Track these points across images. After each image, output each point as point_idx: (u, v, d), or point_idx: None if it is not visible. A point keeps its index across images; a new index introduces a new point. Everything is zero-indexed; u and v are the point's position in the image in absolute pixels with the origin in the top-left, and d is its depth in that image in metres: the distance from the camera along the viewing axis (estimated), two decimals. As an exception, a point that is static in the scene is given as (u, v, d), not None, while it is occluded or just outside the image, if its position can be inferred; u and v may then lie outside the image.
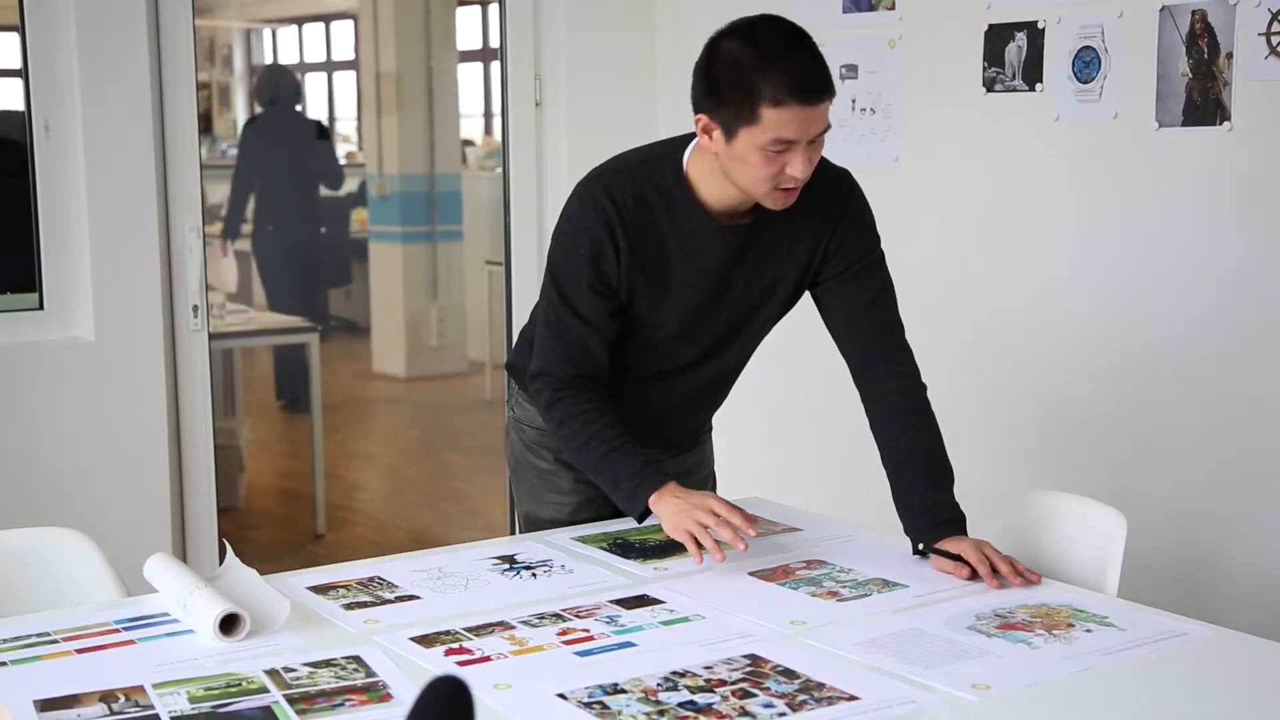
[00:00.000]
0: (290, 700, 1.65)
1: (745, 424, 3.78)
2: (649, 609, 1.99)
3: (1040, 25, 3.22)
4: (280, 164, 6.51)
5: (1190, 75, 2.94)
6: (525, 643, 1.85)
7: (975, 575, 2.11)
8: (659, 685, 1.70)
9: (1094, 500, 2.37)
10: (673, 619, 1.95)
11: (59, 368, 3.46)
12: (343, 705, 1.64)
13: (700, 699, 1.66)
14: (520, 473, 2.55)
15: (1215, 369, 2.98)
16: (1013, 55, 3.28)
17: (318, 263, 7.04)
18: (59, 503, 3.40)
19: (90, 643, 1.84)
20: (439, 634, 1.88)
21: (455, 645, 1.84)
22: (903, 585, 2.10)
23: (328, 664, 1.77)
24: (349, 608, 1.99)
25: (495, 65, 4.39)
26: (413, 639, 1.86)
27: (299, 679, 1.72)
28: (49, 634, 1.86)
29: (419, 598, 2.04)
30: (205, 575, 1.99)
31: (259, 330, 5.77)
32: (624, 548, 2.29)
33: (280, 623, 1.89)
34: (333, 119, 10.12)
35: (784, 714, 1.62)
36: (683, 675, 1.73)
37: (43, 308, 3.51)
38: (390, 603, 2.02)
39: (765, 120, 2.06)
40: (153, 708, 1.63)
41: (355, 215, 8.06)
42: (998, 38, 3.30)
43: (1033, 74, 3.24)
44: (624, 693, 1.68)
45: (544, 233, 3.93)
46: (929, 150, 3.50)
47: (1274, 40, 2.80)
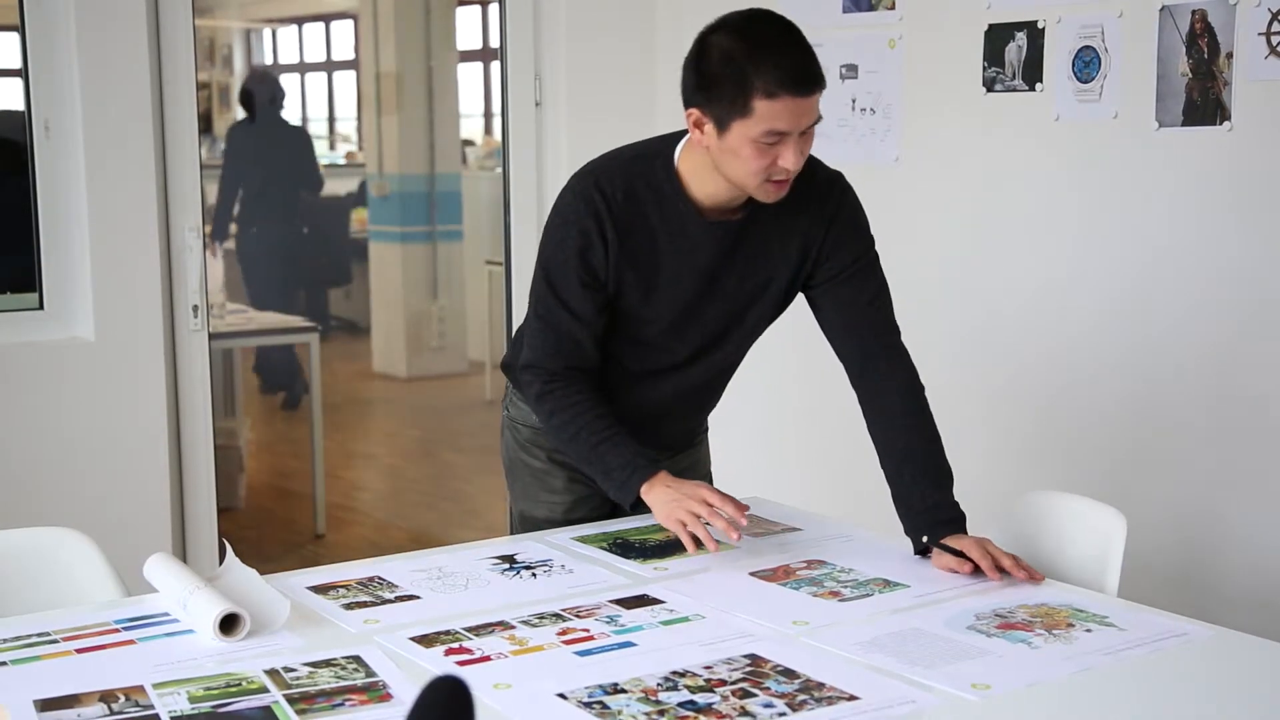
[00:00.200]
0: (290, 700, 1.65)
1: (743, 424, 3.78)
2: (649, 609, 1.99)
3: (1040, 25, 3.22)
4: (262, 168, 6.55)
5: (1190, 75, 2.94)
6: (525, 642, 1.85)
7: (978, 571, 2.12)
8: (659, 685, 1.70)
9: (1094, 500, 2.37)
10: (673, 619, 1.95)
11: (59, 368, 3.46)
12: (343, 705, 1.64)
13: (700, 699, 1.66)
14: (514, 472, 2.55)
15: (1215, 369, 2.98)
16: (1013, 55, 3.28)
17: (299, 263, 7.07)
18: (59, 503, 3.40)
19: (90, 643, 1.84)
20: (439, 634, 1.88)
21: (455, 645, 1.84)
22: (903, 585, 2.10)
23: (328, 664, 1.77)
24: (349, 608, 1.99)
25: (495, 65, 4.39)
26: (413, 639, 1.86)
27: (299, 679, 1.72)
28: (49, 634, 1.86)
29: (419, 598, 2.04)
30: (205, 575, 1.99)
31: (259, 330, 5.77)
32: (624, 548, 2.29)
33: (280, 623, 1.89)
34: (333, 119, 10.13)
35: (784, 714, 1.62)
36: (683, 675, 1.73)
37: (43, 308, 3.51)
38: (390, 603, 2.02)
39: (758, 112, 2.07)
40: (153, 708, 1.63)
41: (355, 215, 8.07)
42: (998, 37, 3.30)
43: (1033, 74, 3.24)
44: (624, 693, 1.68)
45: (544, 233, 3.92)
46: (929, 150, 3.50)
47: (1274, 40, 2.80)
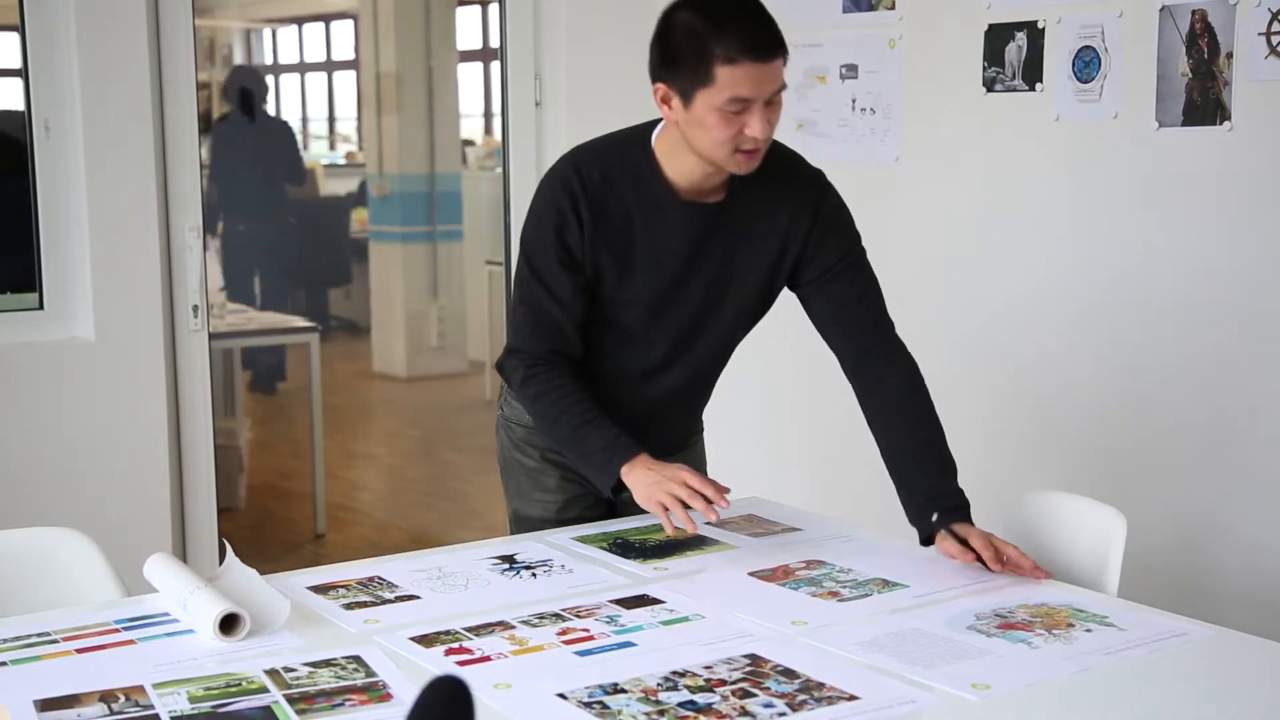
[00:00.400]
0: (290, 700, 1.65)
1: (742, 424, 3.78)
2: (649, 609, 1.99)
3: (1040, 25, 3.22)
4: (246, 163, 6.56)
5: (1190, 75, 2.94)
6: (525, 642, 1.85)
7: (980, 563, 2.12)
8: (659, 685, 1.70)
9: (1094, 500, 2.37)
10: (673, 619, 1.95)
11: (59, 368, 3.46)
12: (343, 705, 1.64)
13: (700, 699, 1.66)
14: (509, 471, 2.55)
15: (1215, 368, 2.98)
16: (1013, 55, 3.28)
17: (295, 262, 7.07)
18: (59, 503, 3.40)
19: (90, 643, 1.84)
20: (439, 634, 1.88)
21: (455, 645, 1.84)
22: (903, 585, 2.10)
23: (328, 664, 1.77)
24: (349, 608, 1.99)
25: (495, 65, 4.39)
26: (413, 639, 1.86)
27: (299, 679, 1.72)
28: (49, 634, 1.86)
29: (419, 598, 2.04)
30: (205, 575, 1.99)
31: (259, 330, 5.77)
32: (624, 548, 2.29)
33: (280, 623, 1.89)
34: (333, 119, 10.14)
35: (784, 714, 1.62)
36: (683, 675, 1.73)
37: (43, 308, 3.51)
38: (390, 603, 2.02)
39: (720, 79, 2.09)
40: (153, 708, 1.63)
41: (355, 215, 8.07)
42: (998, 37, 3.30)
43: (1033, 74, 3.24)
44: (624, 693, 1.68)
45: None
46: (929, 150, 3.50)
47: (1274, 40, 2.80)
